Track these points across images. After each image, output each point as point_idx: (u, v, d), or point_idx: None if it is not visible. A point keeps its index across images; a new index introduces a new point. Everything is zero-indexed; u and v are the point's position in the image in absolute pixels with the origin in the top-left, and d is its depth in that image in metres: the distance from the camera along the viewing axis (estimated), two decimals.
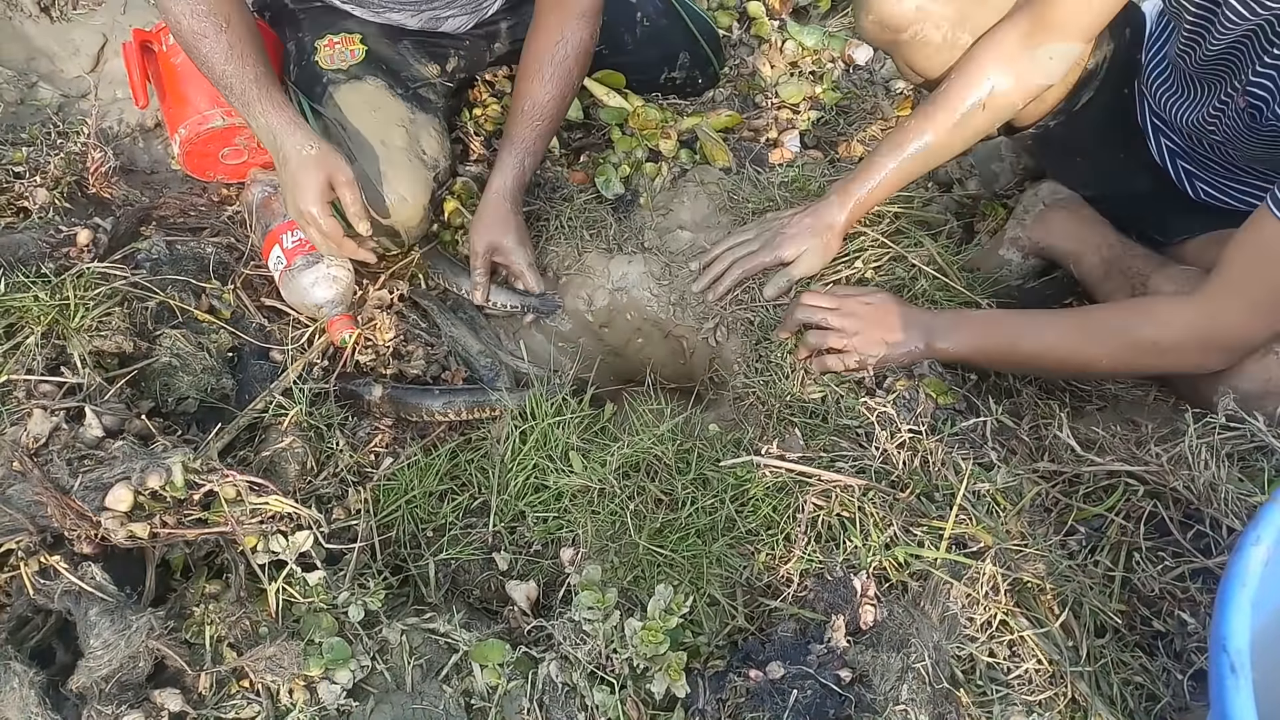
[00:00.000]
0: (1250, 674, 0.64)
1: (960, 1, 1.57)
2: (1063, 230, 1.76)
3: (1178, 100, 1.53)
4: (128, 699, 1.10)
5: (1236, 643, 0.66)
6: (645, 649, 1.09)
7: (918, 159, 1.61)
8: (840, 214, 1.64)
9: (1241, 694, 0.64)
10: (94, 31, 2.05)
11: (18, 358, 1.35)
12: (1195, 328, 1.32)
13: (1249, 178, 1.54)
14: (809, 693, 1.06)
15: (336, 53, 1.80)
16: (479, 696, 1.17)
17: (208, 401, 1.48)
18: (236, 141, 1.82)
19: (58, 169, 1.69)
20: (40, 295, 1.40)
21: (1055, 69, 1.54)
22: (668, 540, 1.28)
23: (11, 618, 1.16)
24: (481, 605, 1.37)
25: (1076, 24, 1.47)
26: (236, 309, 1.64)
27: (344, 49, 1.81)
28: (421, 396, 1.59)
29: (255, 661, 1.15)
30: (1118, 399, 1.52)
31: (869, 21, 1.65)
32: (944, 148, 1.61)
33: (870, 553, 1.18)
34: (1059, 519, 1.23)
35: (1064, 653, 1.08)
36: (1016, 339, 1.46)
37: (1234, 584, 0.69)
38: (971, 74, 1.55)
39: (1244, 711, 0.63)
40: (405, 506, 1.42)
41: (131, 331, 1.45)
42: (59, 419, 1.27)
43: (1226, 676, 0.65)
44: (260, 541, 1.25)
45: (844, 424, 1.40)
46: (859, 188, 1.63)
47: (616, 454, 1.37)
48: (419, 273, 1.84)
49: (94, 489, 1.19)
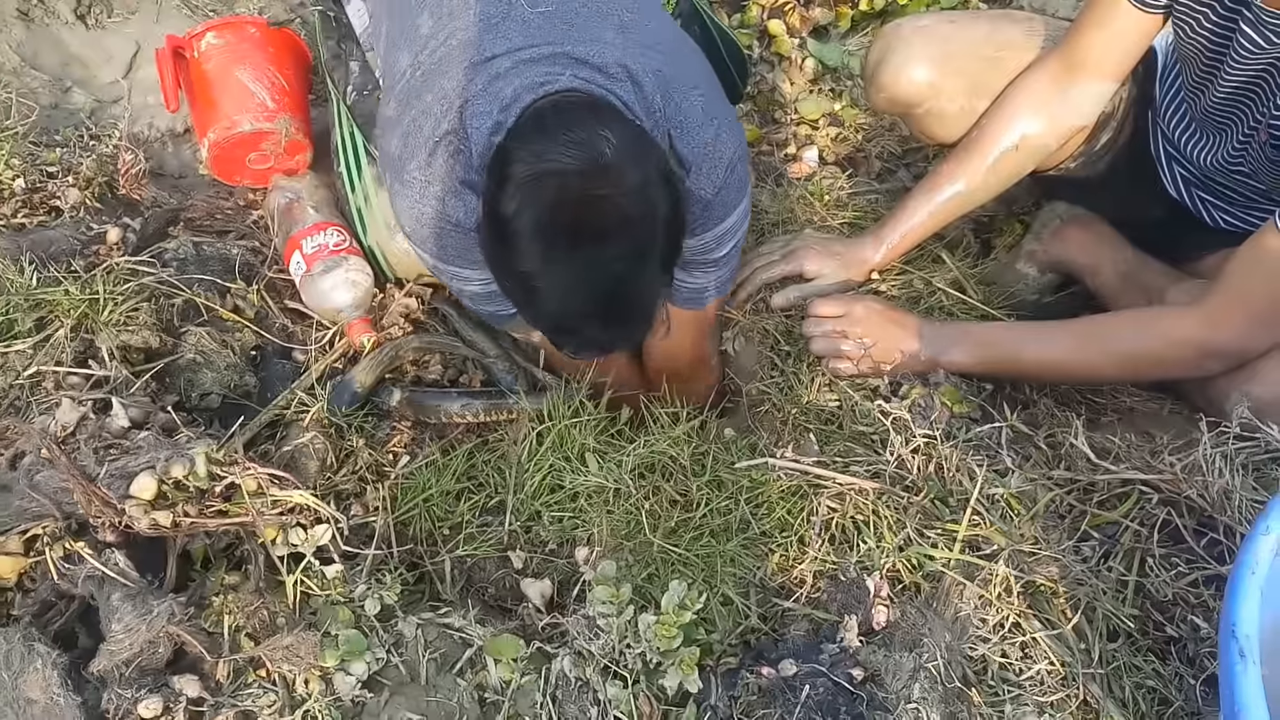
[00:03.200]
0: (1259, 659, 0.65)
1: (972, 71, 1.59)
2: (1079, 245, 1.77)
3: (1197, 142, 1.53)
4: (147, 683, 1.11)
5: (1246, 628, 0.66)
6: (659, 643, 1.10)
7: (951, 204, 1.63)
8: (874, 254, 1.66)
9: (1250, 679, 0.64)
10: (127, 39, 2.10)
11: (47, 350, 1.38)
12: (1196, 338, 1.34)
13: (1269, 205, 1.54)
14: (821, 690, 1.07)
15: None
16: (493, 690, 1.18)
17: (230, 398, 1.51)
18: (263, 147, 1.85)
19: (89, 170, 1.73)
20: (70, 289, 1.44)
21: (1088, 109, 1.56)
22: (682, 539, 1.29)
23: (36, 602, 1.18)
24: (496, 603, 1.38)
25: (1106, 64, 1.49)
26: (260, 309, 1.67)
27: None
28: (440, 399, 1.61)
29: (272, 651, 1.16)
30: (1133, 411, 1.52)
31: (881, 98, 1.67)
32: (978, 192, 1.63)
33: (884, 554, 1.19)
34: (1073, 525, 1.24)
35: (1076, 655, 1.08)
36: (1020, 351, 1.47)
37: (1244, 571, 0.69)
38: (1004, 118, 1.57)
39: (1253, 696, 0.64)
40: (422, 505, 1.43)
41: (158, 327, 1.49)
42: (86, 409, 1.29)
43: (1235, 662, 0.65)
44: (279, 534, 1.26)
45: (859, 430, 1.41)
46: (891, 232, 1.65)
47: (632, 455, 1.38)
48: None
49: (119, 477, 1.21)
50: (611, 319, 1.22)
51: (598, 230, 1.14)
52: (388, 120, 1.39)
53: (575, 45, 1.26)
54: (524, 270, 1.18)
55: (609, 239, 1.14)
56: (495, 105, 1.23)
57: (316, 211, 1.79)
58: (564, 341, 1.36)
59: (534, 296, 1.21)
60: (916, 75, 1.60)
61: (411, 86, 1.34)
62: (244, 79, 1.83)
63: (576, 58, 1.25)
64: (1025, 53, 1.59)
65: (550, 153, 1.13)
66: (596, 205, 1.13)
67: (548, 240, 1.14)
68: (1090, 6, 1.48)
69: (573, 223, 1.13)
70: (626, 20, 1.32)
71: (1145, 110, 1.66)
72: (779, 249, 1.73)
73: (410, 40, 1.38)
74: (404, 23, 1.41)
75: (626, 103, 1.25)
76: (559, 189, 1.12)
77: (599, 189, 1.12)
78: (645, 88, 1.28)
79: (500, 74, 1.25)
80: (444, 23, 1.34)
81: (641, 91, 1.28)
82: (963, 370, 1.48)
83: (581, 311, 1.21)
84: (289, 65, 1.92)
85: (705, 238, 1.47)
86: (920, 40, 1.61)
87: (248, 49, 1.86)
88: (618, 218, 1.14)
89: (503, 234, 1.16)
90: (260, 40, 1.89)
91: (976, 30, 1.63)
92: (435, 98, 1.30)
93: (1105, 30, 1.46)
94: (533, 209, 1.13)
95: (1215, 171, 1.52)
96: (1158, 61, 1.62)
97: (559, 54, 1.25)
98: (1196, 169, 1.58)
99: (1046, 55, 1.55)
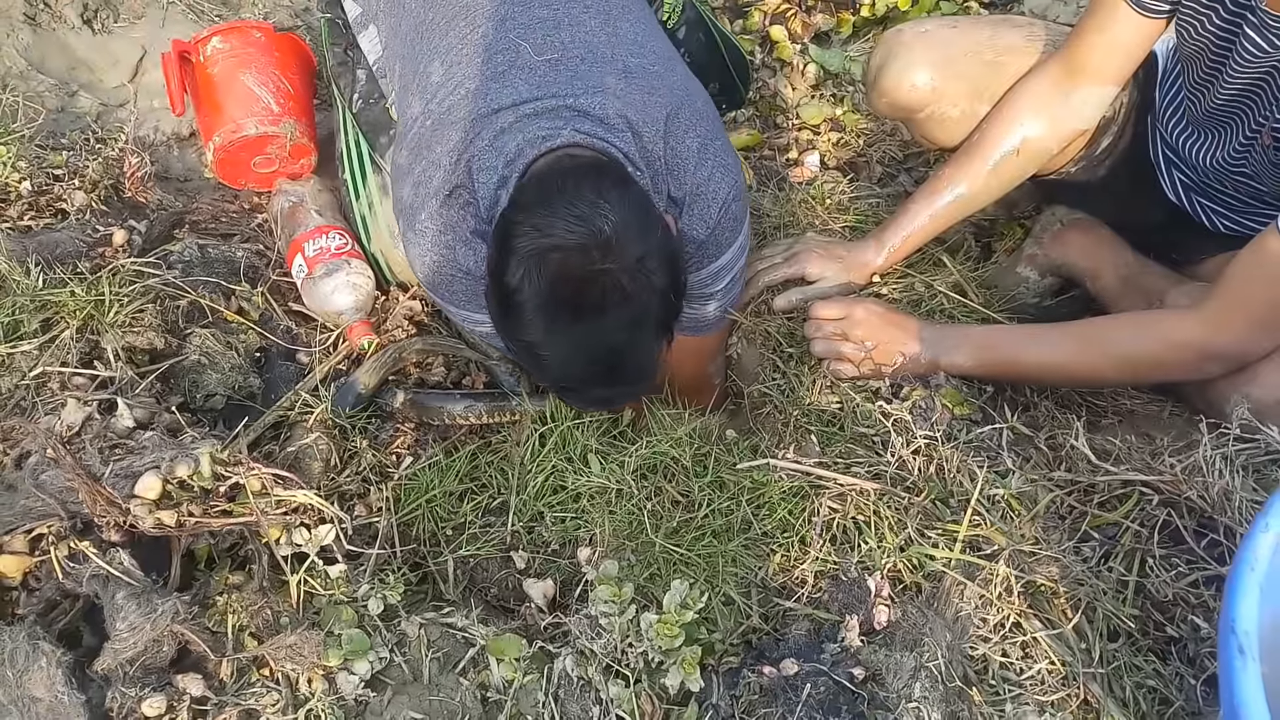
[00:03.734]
0: (1258, 655, 0.65)
1: (974, 76, 1.60)
2: (1080, 249, 1.77)
3: (1197, 143, 1.53)
4: (151, 682, 1.12)
5: (1245, 624, 0.67)
6: (661, 642, 1.10)
7: (952, 207, 1.63)
8: (875, 257, 1.67)
9: (1250, 675, 0.65)
10: (133, 44, 2.12)
11: (53, 350, 1.39)
12: (1197, 341, 1.34)
13: (1270, 209, 1.55)
14: (822, 690, 1.07)
15: None
16: (495, 690, 1.18)
17: (235, 399, 1.52)
18: (268, 150, 1.86)
19: (95, 173, 1.74)
20: (76, 291, 1.44)
21: (1089, 113, 1.56)
22: (684, 540, 1.30)
23: (41, 600, 1.18)
24: (499, 603, 1.38)
25: (1108, 68, 1.50)
26: (264, 311, 1.68)
27: None
28: (443, 400, 1.62)
29: (276, 650, 1.17)
30: (1133, 413, 1.53)
31: (882, 103, 1.68)
32: (979, 196, 1.63)
33: (885, 554, 1.19)
34: (1073, 526, 1.24)
35: (1077, 655, 1.09)
36: (1021, 353, 1.48)
37: (1244, 568, 0.70)
38: (1005, 121, 1.57)
39: (1252, 692, 0.64)
40: (425, 505, 1.44)
41: (163, 328, 1.49)
42: (92, 409, 1.30)
43: (1235, 658, 0.66)
44: (283, 534, 1.27)
45: (860, 432, 1.41)
46: (893, 236, 1.66)
47: (634, 456, 1.39)
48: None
49: (124, 476, 1.21)
50: (613, 380, 1.27)
51: (596, 306, 1.18)
52: (400, 168, 1.43)
53: (578, 96, 1.30)
54: (527, 339, 1.23)
55: (608, 313, 1.19)
56: (500, 160, 1.27)
57: (319, 215, 1.80)
58: (569, 399, 1.44)
59: (538, 361, 1.26)
60: (918, 80, 1.61)
61: (421, 136, 1.38)
62: (249, 83, 1.85)
63: (579, 110, 1.29)
64: (1026, 57, 1.60)
65: (553, 228, 1.16)
66: (596, 281, 1.17)
67: (550, 315, 1.19)
68: (1092, 11, 1.48)
69: (573, 298, 1.18)
70: (631, 65, 1.36)
71: (1145, 115, 1.67)
72: (781, 252, 1.73)
73: (422, 88, 1.41)
74: (415, 68, 1.45)
75: (627, 154, 1.29)
76: (560, 264, 1.16)
77: (598, 264, 1.16)
78: (645, 137, 1.32)
79: (504, 129, 1.29)
80: (453, 71, 1.37)
81: (641, 141, 1.32)
82: (964, 373, 1.49)
83: (583, 375, 1.26)
84: (294, 70, 1.93)
85: (701, 274, 1.50)
86: (922, 45, 1.62)
87: (253, 53, 1.88)
88: (617, 294, 1.18)
89: (507, 304, 1.21)
90: (265, 45, 1.90)
91: (978, 35, 1.64)
92: (444, 150, 1.34)
93: (1106, 35, 1.47)
94: (535, 284, 1.17)
95: (1215, 174, 1.52)
96: (1158, 66, 1.63)
97: (561, 106, 1.29)
98: (1196, 172, 1.58)
99: (1048, 59, 1.56)
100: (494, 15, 1.38)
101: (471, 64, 1.36)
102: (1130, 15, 1.42)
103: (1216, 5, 1.33)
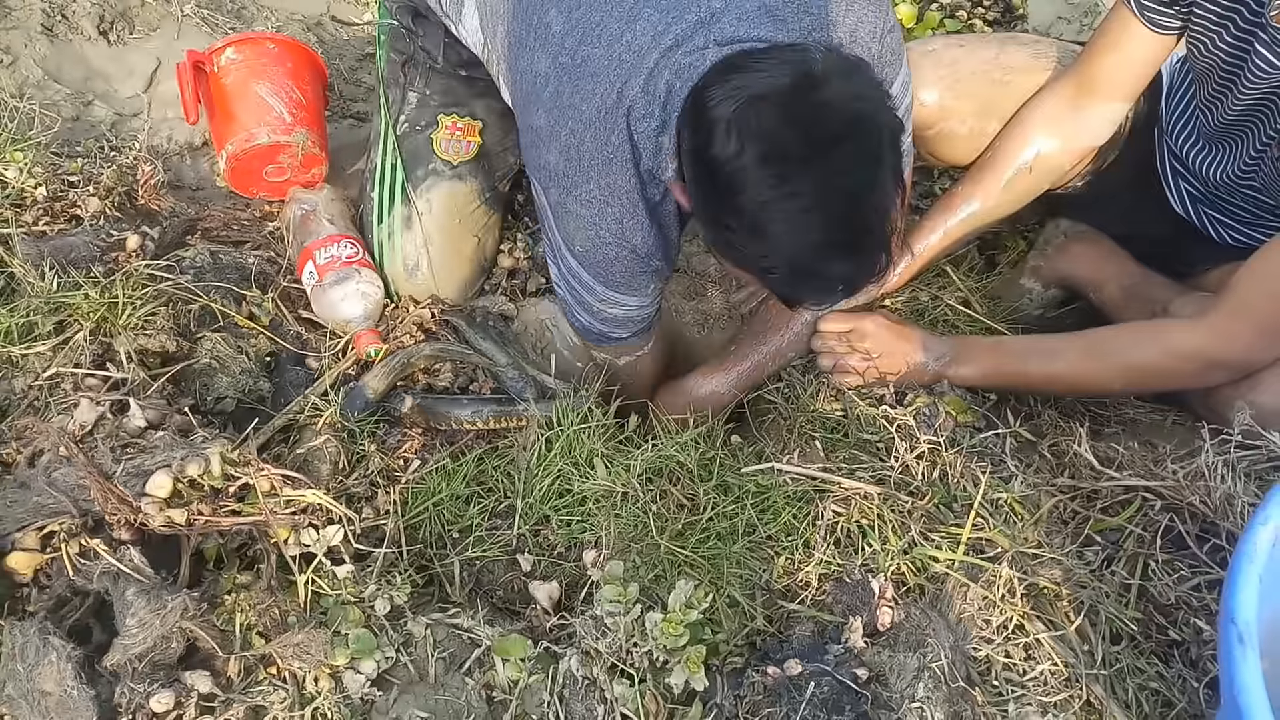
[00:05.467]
0: (1257, 644, 0.66)
1: (981, 94, 1.62)
2: (1083, 260, 1.79)
3: (1206, 156, 1.55)
4: (159, 678, 1.12)
5: (1245, 615, 0.67)
6: (665, 640, 1.11)
7: (966, 223, 1.65)
8: (890, 273, 1.68)
9: (1249, 664, 0.66)
10: (148, 55, 2.14)
11: (66, 352, 1.41)
12: (1203, 351, 1.35)
13: (1277, 222, 1.56)
14: (826, 690, 1.08)
15: (454, 140, 1.80)
16: (500, 690, 1.19)
17: (245, 402, 1.53)
18: (280, 159, 1.88)
19: (109, 180, 1.76)
20: (90, 294, 1.46)
21: (1101, 130, 1.58)
22: (689, 542, 1.30)
23: (52, 597, 1.19)
24: (504, 605, 1.39)
25: (1120, 85, 1.51)
26: (275, 317, 1.69)
27: (463, 139, 1.80)
28: (450, 405, 1.63)
29: (283, 648, 1.18)
30: (1136, 422, 1.54)
31: None
32: (992, 212, 1.65)
33: (888, 557, 1.20)
34: (1075, 531, 1.25)
35: (1079, 657, 1.09)
36: (1026, 364, 1.49)
37: (1243, 560, 0.71)
38: (1018, 138, 1.59)
39: (1252, 681, 0.65)
40: (432, 508, 1.45)
41: (175, 332, 1.51)
42: (104, 409, 1.32)
43: (1235, 647, 0.67)
44: (292, 534, 1.28)
45: (864, 438, 1.42)
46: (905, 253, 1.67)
47: (640, 459, 1.40)
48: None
49: (135, 475, 1.23)
50: (854, 246, 1.15)
51: (829, 136, 1.07)
52: (539, 131, 1.34)
53: (709, 6, 1.21)
54: (755, 206, 1.10)
55: (841, 142, 1.07)
56: (655, 105, 1.21)
57: (332, 224, 1.82)
58: (804, 288, 1.24)
59: (768, 240, 1.13)
60: (926, 98, 1.63)
61: (560, 94, 1.29)
62: (262, 93, 1.87)
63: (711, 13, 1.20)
64: (1033, 74, 1.62)
65: (754, 81, 1.07)
66: (822, 112, 1.06)
67: (778, 162, 1.07)
68: (1103, 29, 1.50)
69: (801, 136, 1.07)
70: None
71: (1152, 128, 1.68)
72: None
73: (543, 40, 1.32)
74: (529, 21, 1.36)
75: (773, 40, 1.19)
76: (779, 108, 1.06)
77: (819, 97, 1.06)
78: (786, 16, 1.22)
79: (651, 70, 1.21)
80: (574, 16, 1.29)
81: (783, 21, 1.22)
82: (970, 384, 1.50)
83: (822, 242, 1.13)
84: (306, 80, 1.96)
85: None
86: (929, 64, 1.64)
87: (266, 64, 1.90)
88: (845, 119, 1.07)
89: (723, 179, 1.10)
90: (278, 56, 1.92)
91: (985, 53, 1.66)
92: (591, 107, 1.26)
93: (1119, 52, 1.48)
94: (754, 138, 1.06)
95: (1224, 187, 1.54)
96: (1163, 79, 1.65)
97: (696, 23, 1.20)
98: (1204, 185, 1.59)
99: (1060, 77, 1.58)
100: None
101: (595, 7, 1.27)
102: (1142, 32, 1.44)
103: (1226, 23, 1.35)
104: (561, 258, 1.48)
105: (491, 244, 1.91)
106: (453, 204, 1.81)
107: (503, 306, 1.88)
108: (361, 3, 2.60)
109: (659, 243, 1.39)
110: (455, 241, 1.81)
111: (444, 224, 1.80)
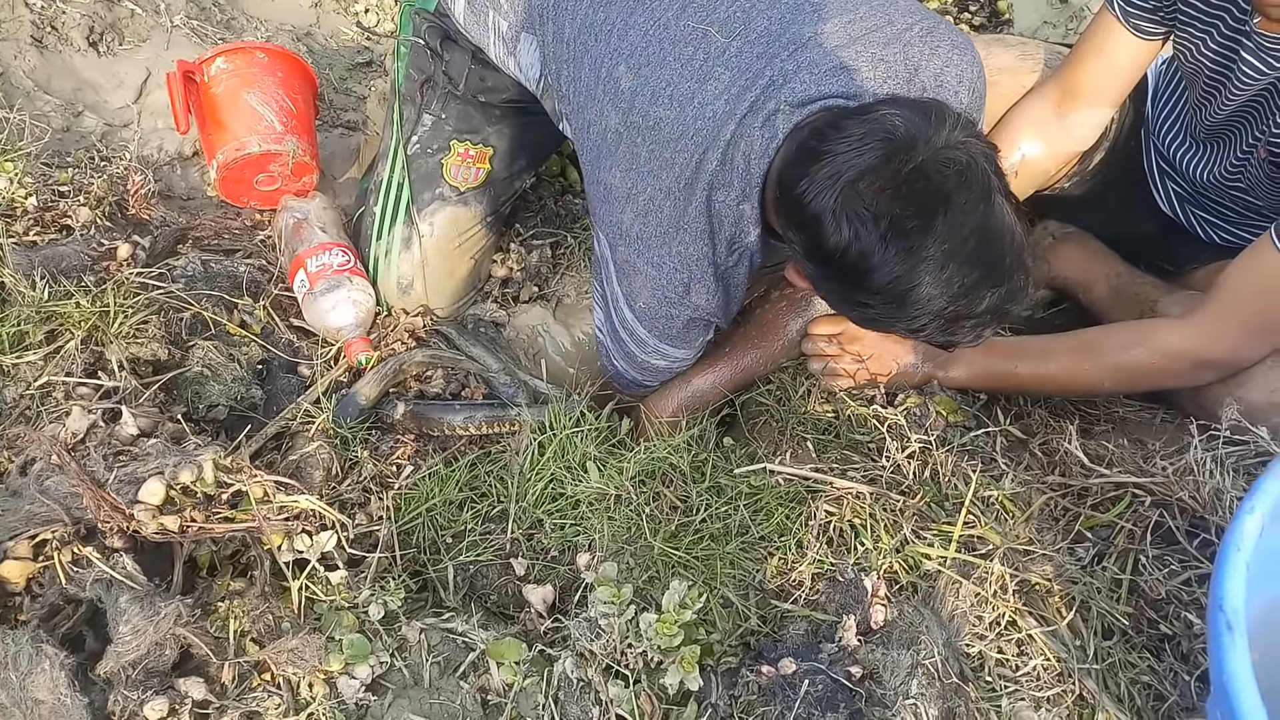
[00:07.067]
0: (1245, 631, 0.67)
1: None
2: (1072, 262, 1.80)
3: (1193, 156, 1.56)
4: (153, 685, 1.12)
5: (1233, 602, 0.68)
6: (660, 641, 1.11)
7: None
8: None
9: (1238, 651, 0.66)
10: (138, 65, 2.15)
11: (58, 361, 1.41)
12: (1191, 350, 1.36)
13: (1264, 221, 1.57)
14: (820, 688, 1.08)
15: (465, 167, 1.79)
16: (495, 693, 1.19)
17: (237, 410, 1.53)
18: (271, 168, 1.89)
19: (100, 190, 1.76)
20: (81, 302, 1.46)
21: (1086, 134, 1.59)
22: (682, 543, 1.31)
23: (44, 605, 1.19)
24: (499, 609, 1.39)
25: (1105, 90, 1.53)
26: (267, 325, 1.70)
27: (473, 166, 1.80)
28: (443, 411, 1.63)
29: (277, 654, 1.18)
30: (1126, 421, 1.55)
31: None
32: None
33: (881, 555, 1.21)
34: (1066, 527, 1.26)
35: (1071, 651, 1.10)
36: (1016, 365, 1.49)
37: (1230, 548, 0.71)
38: (1004, 142, 1.60)
39: (1240, 667, 0.66)
40: (425, 514, 1.45)
41: (166, 340, 1.51)
42: (96, 417, 1.32)
43: (1223, 634, 0.67)
44: (285, 540, 1.28)
45: (855, 438, 1.43)
46: None
47: (633, 462, 1.40)
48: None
49: (128, 482, 1.23)
50: (998, 275, 1.13)
51: (937, 195, 1.07)
52: (613, 189, 1.34)
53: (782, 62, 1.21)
54: (889, 282, 1.11)
55: (950, 196, 1.08)
56: (734, 175, 1.22)
57: (324, 232, 1.82)
58: (962, 331, 1.20)
59: (914, 305, 1.13)
60: None
61: (636, 156, 1.29)
62: (252, 102, 1.87)
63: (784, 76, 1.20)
64: (1020, 75, 1.63)
65: (843, 165, 1.07)
66: (922, 176, 1.07)
67: (899, 238, 1.08)
68: (1088, 34, 1.51)
69: (911, 206, 1.07)
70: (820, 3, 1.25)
71: (1138, 128, 1.70)
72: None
73: (612, 96, 1.32)
74: (598, 73, 1.35)
75: (846, 94, 1.19)
76: (880, 186, 1.07)
77: (913, 162, 1.06)
78: (859, 71, 1.21)
79: (730, 140, 1.21)
80: (643, 74, 1.28)
81: (856, 78, 1.21)
82: (959, 385, 1.51)
83: (963, 288, 1.12)
84: (297, 89, 1.96)
85: None
86: None
87: (256, 73, 1.90)
88: (945, 173, 1.08)
89: (849, 267, 1.11)
90: (268, 65, 1.93)
91: None
92: (670, 177, 1.25)
93: (1103, 58, 1.50)
94: (866, 222, 1.07)
95: (1211, 187, 1.55)
96: (1149, 81, 1.66)
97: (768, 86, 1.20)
98: (1191, 185, 1.60)
99: (1045, 81, 1.59)
100: (673, 4, 1.29)
101: (664, 65, 1.26)
102: (1126, 38, 1.45)
103: (1211, 29, 1.36)
104: (616, 309, 1.47)
105: (487, 264, 1.93)
106: (454, 229, 1.81)
107: (494, 314, 1.89)
108: (366, 10, 2.62)
109: (723, 303, 1.41)
110: (451, 263, 1.83)
111: (443, 247, 1.81)
